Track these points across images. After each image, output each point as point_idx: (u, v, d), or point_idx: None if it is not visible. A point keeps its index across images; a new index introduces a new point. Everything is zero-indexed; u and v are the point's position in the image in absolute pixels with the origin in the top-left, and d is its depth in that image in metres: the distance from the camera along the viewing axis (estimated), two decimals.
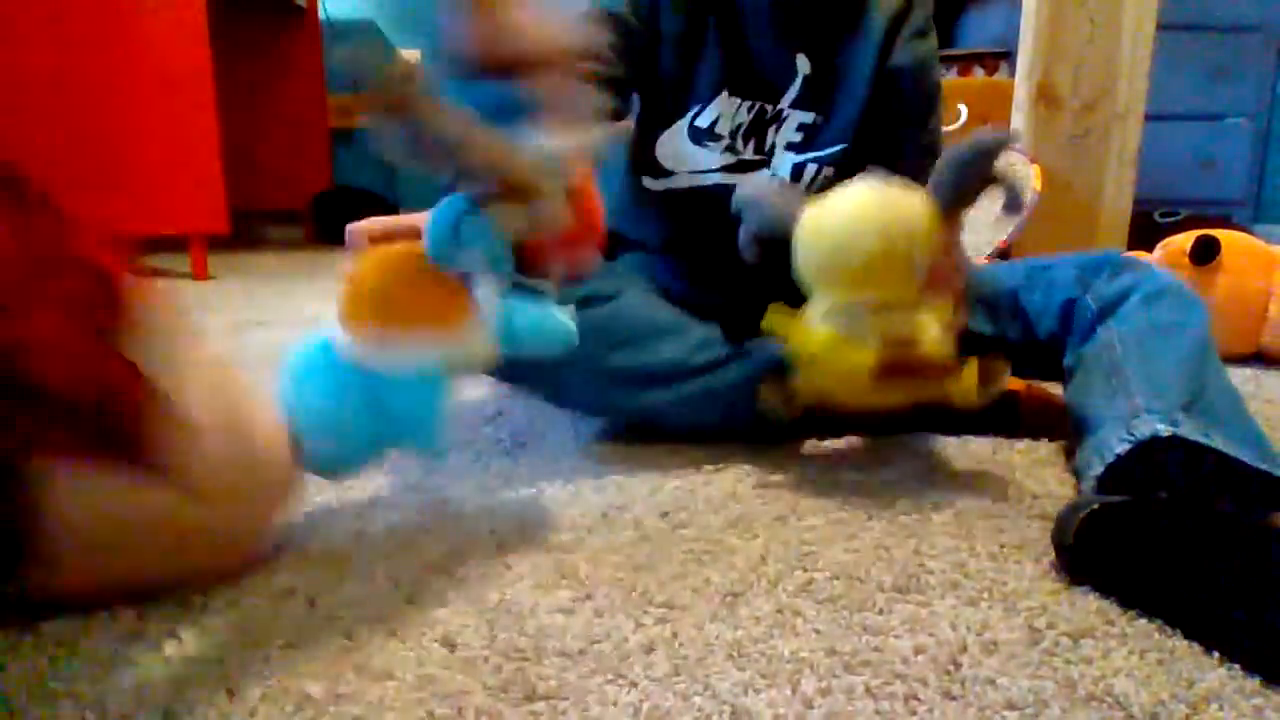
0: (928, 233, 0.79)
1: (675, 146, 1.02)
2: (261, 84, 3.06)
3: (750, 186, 0.86)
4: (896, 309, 0.80)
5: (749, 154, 1.02)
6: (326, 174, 3.18)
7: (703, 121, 1.00)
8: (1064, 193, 1.81)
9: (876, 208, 0.79)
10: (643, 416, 0.91)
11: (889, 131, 1.01)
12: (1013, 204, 0.83)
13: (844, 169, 0.99)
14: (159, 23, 2.04)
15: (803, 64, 0.99)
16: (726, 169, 1.01)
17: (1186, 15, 2.61)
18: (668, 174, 1.03)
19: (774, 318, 0.84)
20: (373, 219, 0.70)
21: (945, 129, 1.70)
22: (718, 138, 1.01)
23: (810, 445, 0.97)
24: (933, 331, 0.81)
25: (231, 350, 1.44)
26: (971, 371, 0.82)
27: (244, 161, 2.91)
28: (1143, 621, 0.62)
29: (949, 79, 2.41)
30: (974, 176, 0.81)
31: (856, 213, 0.80)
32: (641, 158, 1.05)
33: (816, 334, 0.82)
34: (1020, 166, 1.79)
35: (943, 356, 0.80)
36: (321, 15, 3.11)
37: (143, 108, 2.07)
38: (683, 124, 1.01)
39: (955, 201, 0.81)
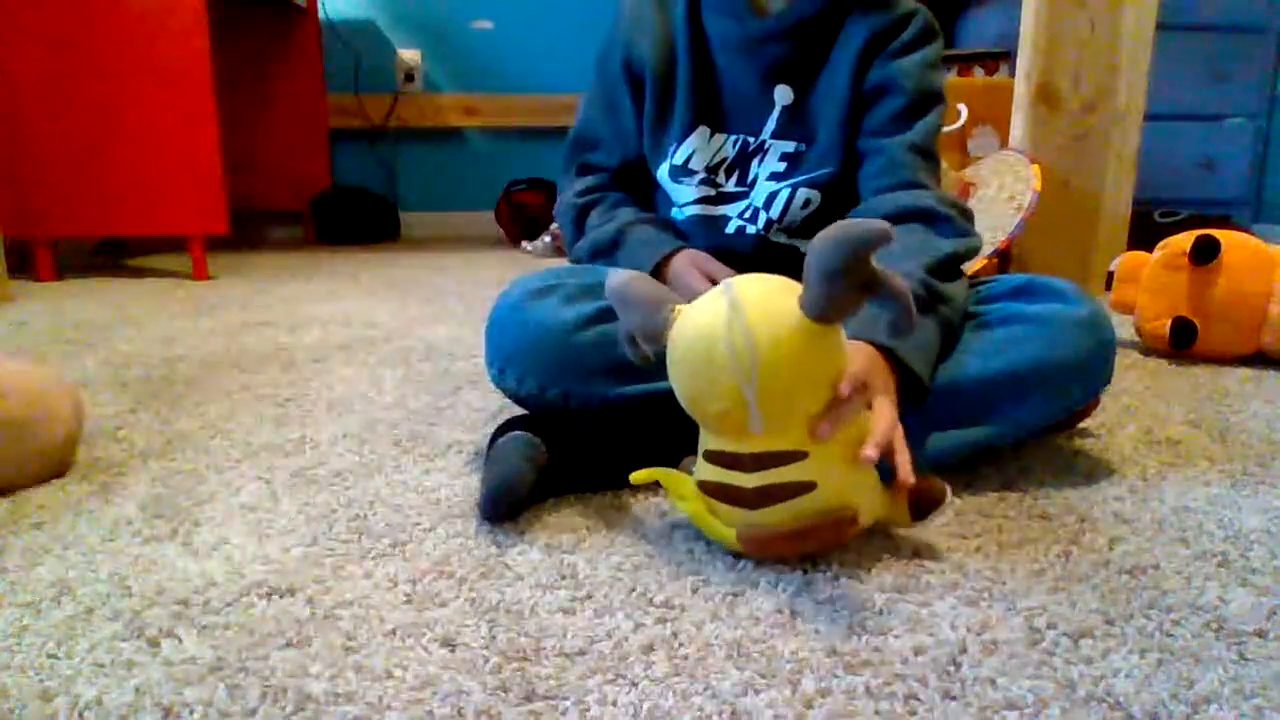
0: (794, 364, 0.64)
1: (664, 185, 1.04)
2: (261, 84, 3.06)
3: (617, 279, 0.73)
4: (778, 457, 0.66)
5: (731, 186, 1.01)
6: (326, 174, 3.17)
7: (678, 158, 1.01)
8: (1064, 193, 1.81)
9: (718, 340, 0.64)
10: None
11: (865, 139, 0.96)
12: (898, 326, 0.65)
13: (831, 192, 0.98)
14: (159, 23, 2.04)
15: (782, 95, 0.99)
16: (702, 201, 1.01)
17: (1186, 15, 2.61)
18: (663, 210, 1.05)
19: (652, 473, 0.74)
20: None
21: (946, 129, 1.70)
22: (691, 173, 1.01)
23: None
24: (829, 480, 0.67)
25: (230, 350, 1.44)
26: (901, 502, 0.72)
27: (244, 161, 2.91)
28: (1143, 621, 0.62)
29: (949, 79, 2.41)
30: (843, 286, 0.62)
31: (689, 345, 0.66)
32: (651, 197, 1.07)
33: (686, 494, 0.72)
34: (1020, 167, 1.79)
35: (833, 512, 0.67)
36: (321, 15, 3.11)
37: (143, 108, 2.07)
38: (666, 163, 1.02)
39: (825, 316, 0.64)
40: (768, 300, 0.65)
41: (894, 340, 0.75)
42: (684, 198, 1.02)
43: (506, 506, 0.78)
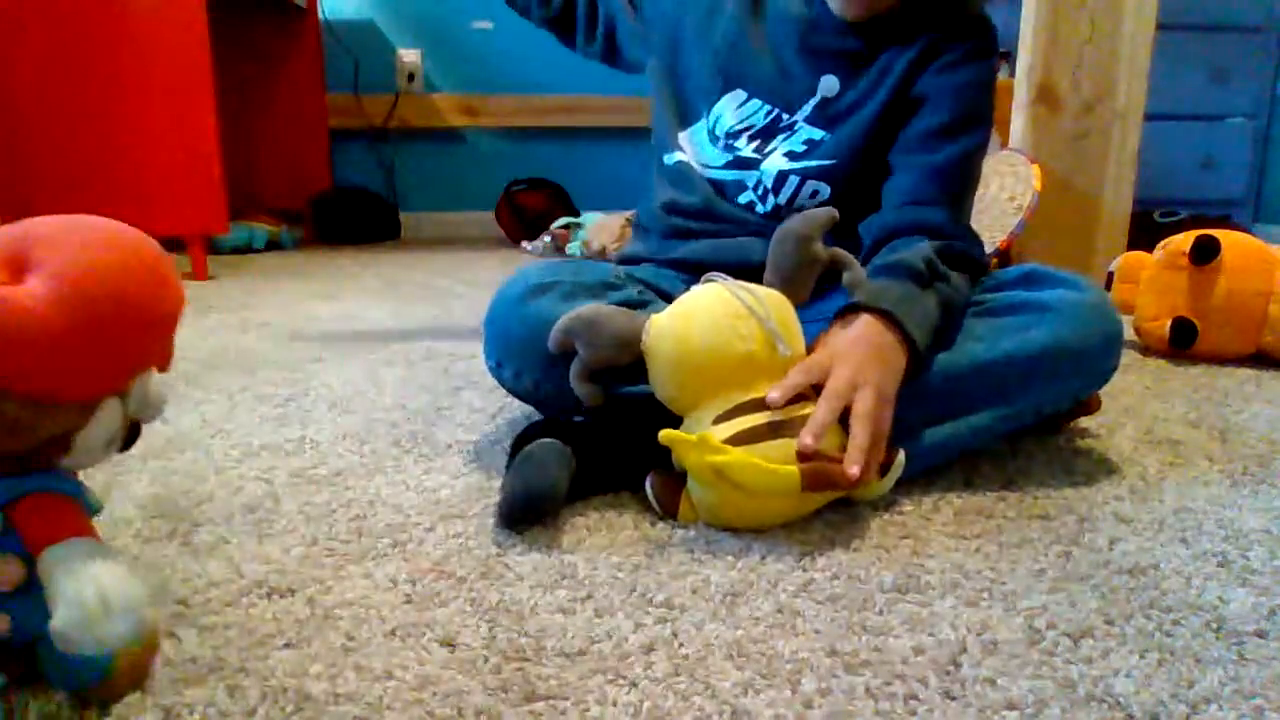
0: (779, 312, 0.77)
1: (696, 140, 1.05)
2: (261, 84, 3.06)
3: (576, 313, 0.80)
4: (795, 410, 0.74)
5: (748, 152, 1.01)
6: (326, 174, 3.17)
7: (711, 120, 1.03)
8: (1064, 193, 1.81)
9: (729, 299, 0.76)
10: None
11: (897, 153, 0.96)
12: (855, 282, 0.84)
13: (842, 188, 0.97)
14: (159, 23, 2.04)
15: (827, 85, 0.98)
16: (728, 166, 1.02)
17: (1186, 15, 2.61)
18: (682, 150, 1.06)
19: (665, 435, 0.73)
20: None
21: None
22: (716, 139, 1.02)
23: None
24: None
25: (230, 350, 1.44)
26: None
27: (244, 161, 2.90)
28: (1143, 621, 0.62)
29: None
30: (792, 263, 0.82)
31: (703, 312, 0.76)
32: (665, 140, 1.08)
33: (720, 447, 0.72)
34: (1020, 167, 1.79)
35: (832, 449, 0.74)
36: (321, 15, 3.10)
37: (143, 108, 2.07)
38: (704, 123, 1.03)
39: (787, 288, 0.81)
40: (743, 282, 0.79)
41: (887, 305, 0.80)
42: (708, 161, 1.03)
43: (535, 515, 0.76)
